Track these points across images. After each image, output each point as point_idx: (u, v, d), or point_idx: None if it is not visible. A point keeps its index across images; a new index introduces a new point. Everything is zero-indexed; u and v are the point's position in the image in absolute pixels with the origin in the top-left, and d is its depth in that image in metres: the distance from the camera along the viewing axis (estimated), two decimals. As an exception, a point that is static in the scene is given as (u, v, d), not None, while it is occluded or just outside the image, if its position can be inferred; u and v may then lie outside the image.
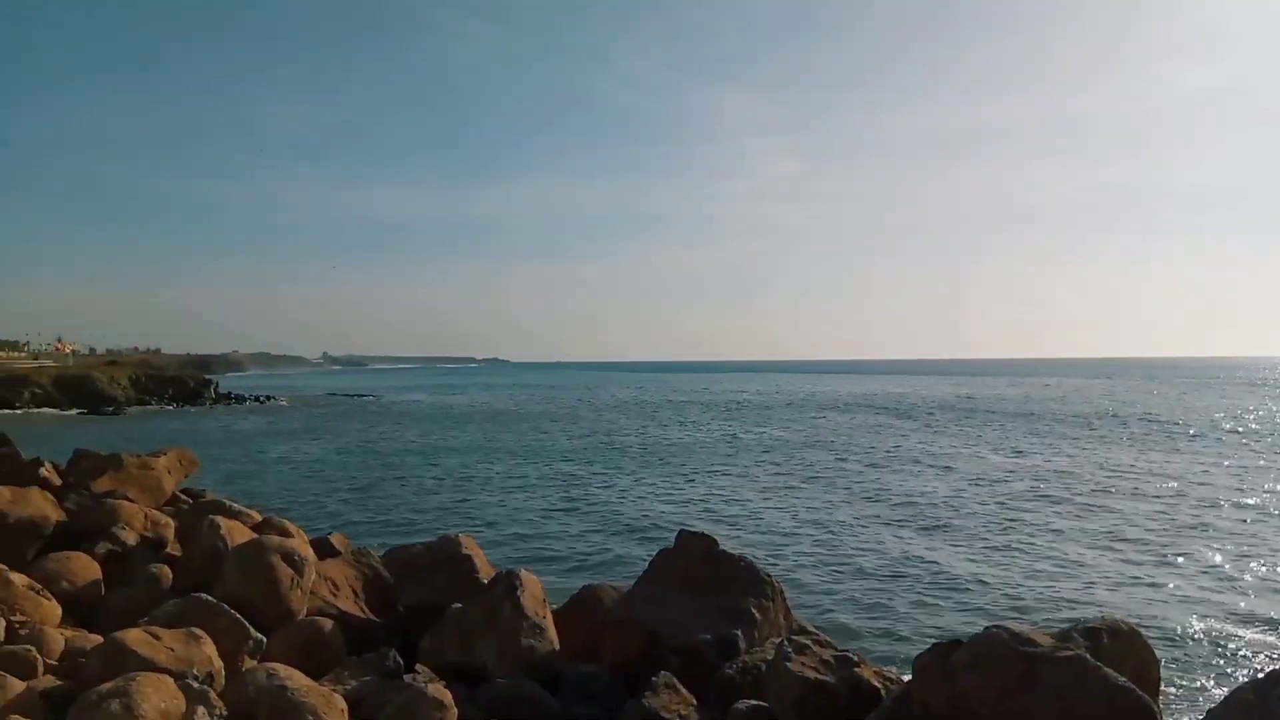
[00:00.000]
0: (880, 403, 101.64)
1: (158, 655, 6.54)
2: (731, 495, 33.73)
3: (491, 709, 7.38)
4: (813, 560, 22.38)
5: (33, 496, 11.41)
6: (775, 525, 27.40)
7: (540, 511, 30.28)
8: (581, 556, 23.04)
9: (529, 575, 8.85)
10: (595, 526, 27.32)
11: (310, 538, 11.77)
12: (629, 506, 31.11)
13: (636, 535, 25.72)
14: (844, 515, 29.04)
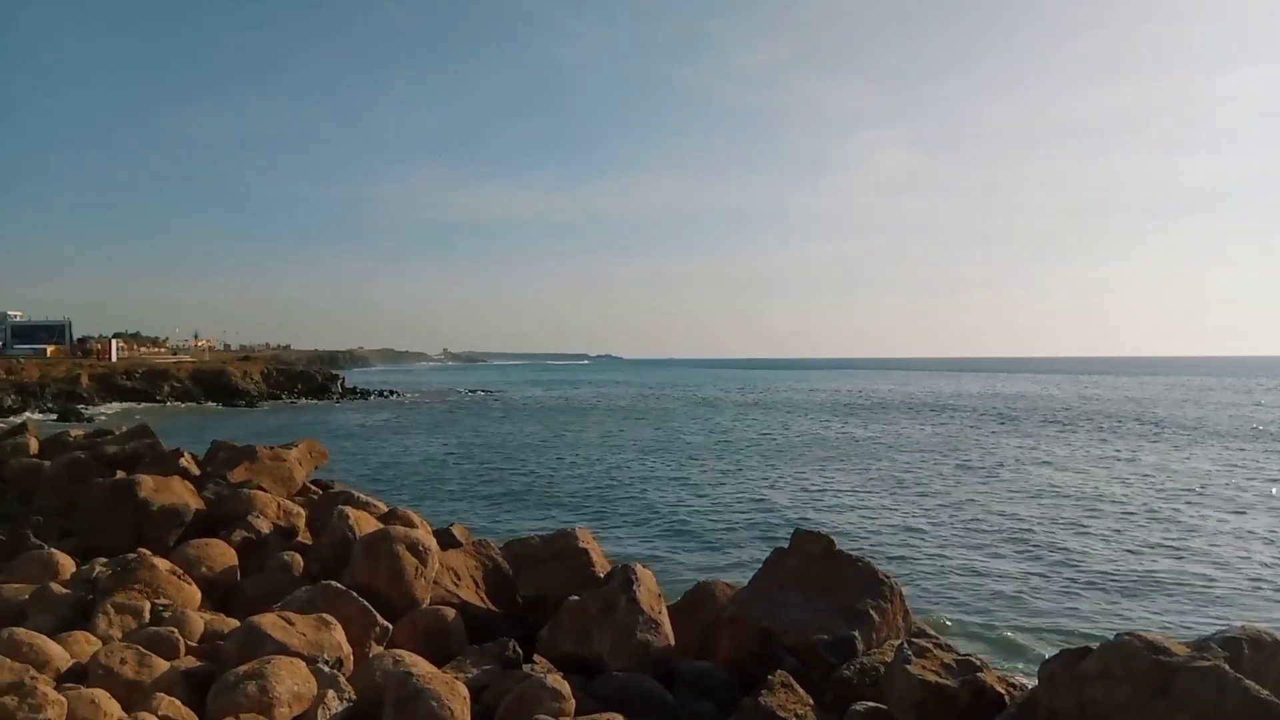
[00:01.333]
0: (1003, 401, 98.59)
1: (291, 640, 6.80)
2: (848, 495, 33.19)
3: (608, 701, 7.43)
4: (932, 562, 21.84)
5: (174, 485, 12.04)
6: (893, 525, 26.85)
7: (655, 507, 30.38)
8: (695, 553, 23.03)
9: (644, 570, 8.88)
10: (709, 523, 27.25)
11: (433, 528, 12.09)
12: (742, 504, 30.94)
13: (750, 533, 25.56)
14: (965, 516, 28.27)
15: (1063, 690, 6.06)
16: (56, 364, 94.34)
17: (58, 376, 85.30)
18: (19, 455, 18.73)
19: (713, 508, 30.06)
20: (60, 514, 13.77)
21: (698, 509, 29.87)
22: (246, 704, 5.80)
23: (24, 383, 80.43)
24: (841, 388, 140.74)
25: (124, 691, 6.14)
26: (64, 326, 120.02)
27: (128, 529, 11.06)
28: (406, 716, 5.81)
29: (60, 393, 79.96)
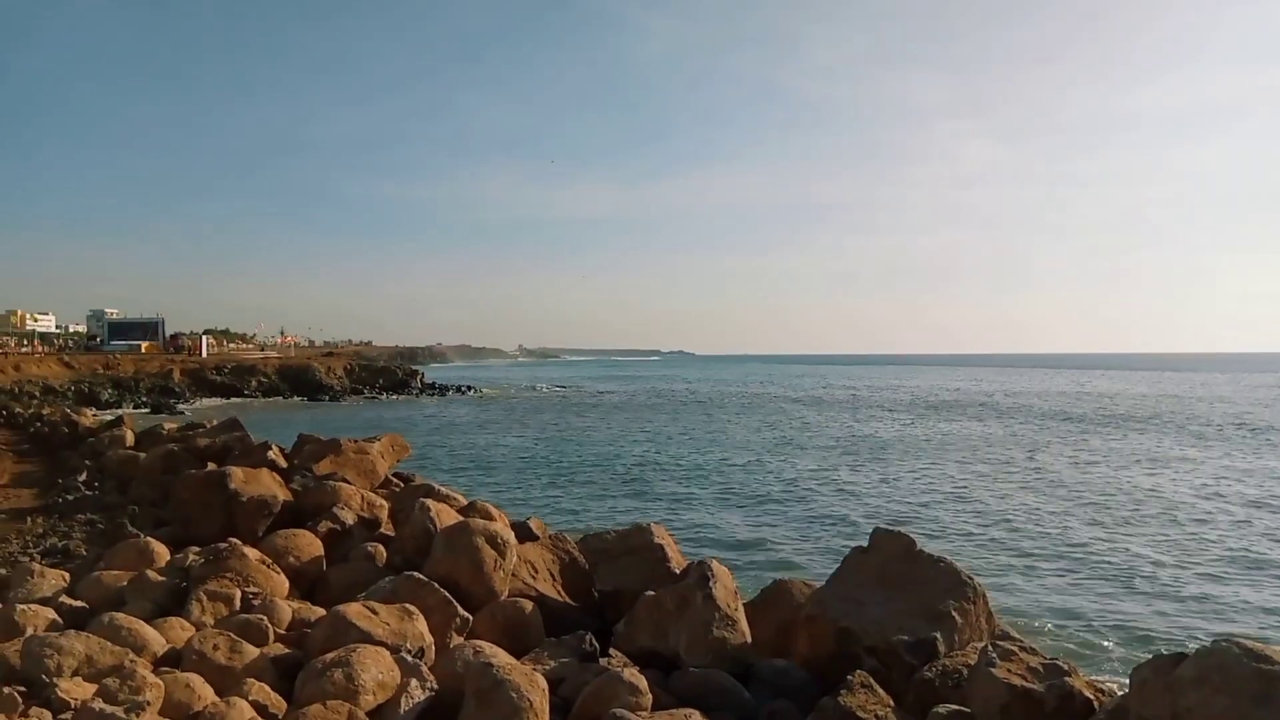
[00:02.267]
0: (1087, 401, 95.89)
1: (375, 629, 6.96)
2: (930, 494, 32.63)
3: (684, 696, 7.44)
4: (1018, 564, 21.36)
5: (263, 477, 12.41)
6: (977, 526, 26.33)
7: (732, 503, 30.29)
8: (771, 551, 22.89)
9: (720, 567, 8.87)
10: (786, 521, 27.07)
11: (510, 521, 12.25)
12: (820, 502, 30.65)
13: (828, 532, 25.31)
14: (1054, 518, 27.58)
15: (1156, 698, 5.88)
16: (150, 360, 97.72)
17: (151, 372, 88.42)
18: (116, 447, 19.54)
19: (787, 506, 29.83)
20: (155, 504, 14.33)
21: (772, 507, 29.68)
22: (333, 691, 5.96)
23: (120, 377, 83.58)
24: (920, 384, 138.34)
25: (217, 676, 6.36)
26: (157, 324, 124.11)
27: (219, 519, 11.44)
28: (487, 706, 5.91)
29: (154, 387, 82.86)
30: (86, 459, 19.22)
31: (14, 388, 66.22)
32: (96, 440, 20.93)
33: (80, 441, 22.19)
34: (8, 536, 12.90)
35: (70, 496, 15.73)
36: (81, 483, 16.87)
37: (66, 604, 8.31)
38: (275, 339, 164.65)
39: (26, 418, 29.84)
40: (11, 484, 18.18)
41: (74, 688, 5.80)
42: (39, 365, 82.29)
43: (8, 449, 23.59)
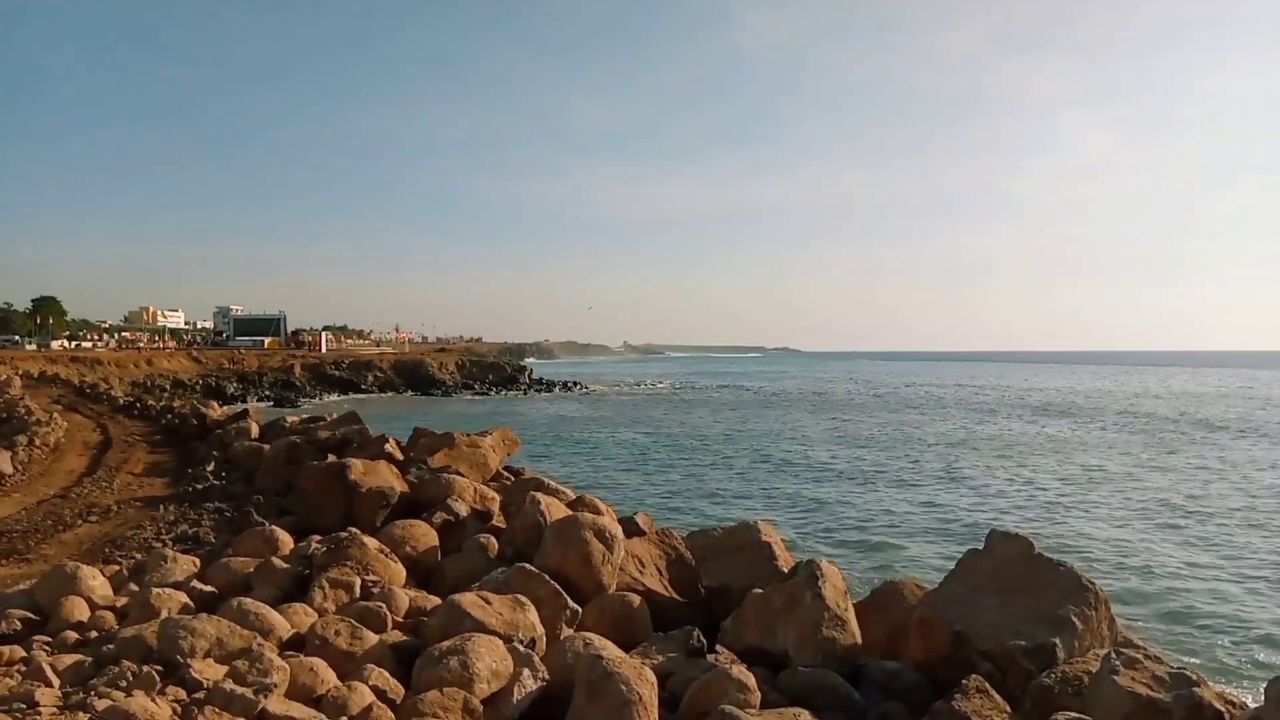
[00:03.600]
0: (1217, 402, 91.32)
1: (489, 619, 7.10)
2: (1046, 496, 31.61)
3: (793, 695, 7.38)
4: (1140, 569, 20.52)
5: (381, 469, 12.79)
6: (1097, 530, 25.38)
7: (839, 502, 29.90)
8: (881, 552, 22.50)
9: (830, 566, 8.76)
10: (897, 522, 26.58)
11: (617, 516, 12.33)
12: (933, 504, 29.98)
13: (941, 534, 24.75)
14: (1181, 522, 26.41)
15: (1294, 713, 5.58)
16: (273, 355, 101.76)
17: (274, 367, 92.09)
18: (242, 439, 20.38)
19: (898, 506, 29.29)
20: (278, 493, 14.91)
21: (881, 506, 29.19)
22: (449, 678, 6.10)
23: (245, 372, 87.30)
24: (1034, 383, 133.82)
25: (338, 661, 6.58)
26: (279, 320, 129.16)
27: (339, 509, 11.85)
28: (597, 698, 5.96)
29: (276, 381, 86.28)
30: (214, 450, 20.09)
31: (147, 381, 69.85)
32: (223, 432, 21.85)
33: (208, 433, 23.20)
34: (142, 523, 13.60)
35: (199, 486, 16.47)
36: (210, 473, 17.65)
37: (197, 588, 8.72)
38: (390, 335, 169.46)
39: (158, 410, 31.34)
40: (145, 473, 19.14)
41: (206, 668, 6.08)
42: (169, 360, 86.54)
43: (141, 440, 24.84)
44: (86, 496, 16.16)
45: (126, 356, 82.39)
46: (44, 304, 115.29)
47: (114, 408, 34.24)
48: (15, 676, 6.41)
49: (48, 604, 8.35)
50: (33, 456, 21.41)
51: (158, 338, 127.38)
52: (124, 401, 36.40)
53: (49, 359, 71.20)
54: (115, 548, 12.03)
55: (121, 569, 10.24)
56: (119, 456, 21.36)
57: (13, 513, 14.96)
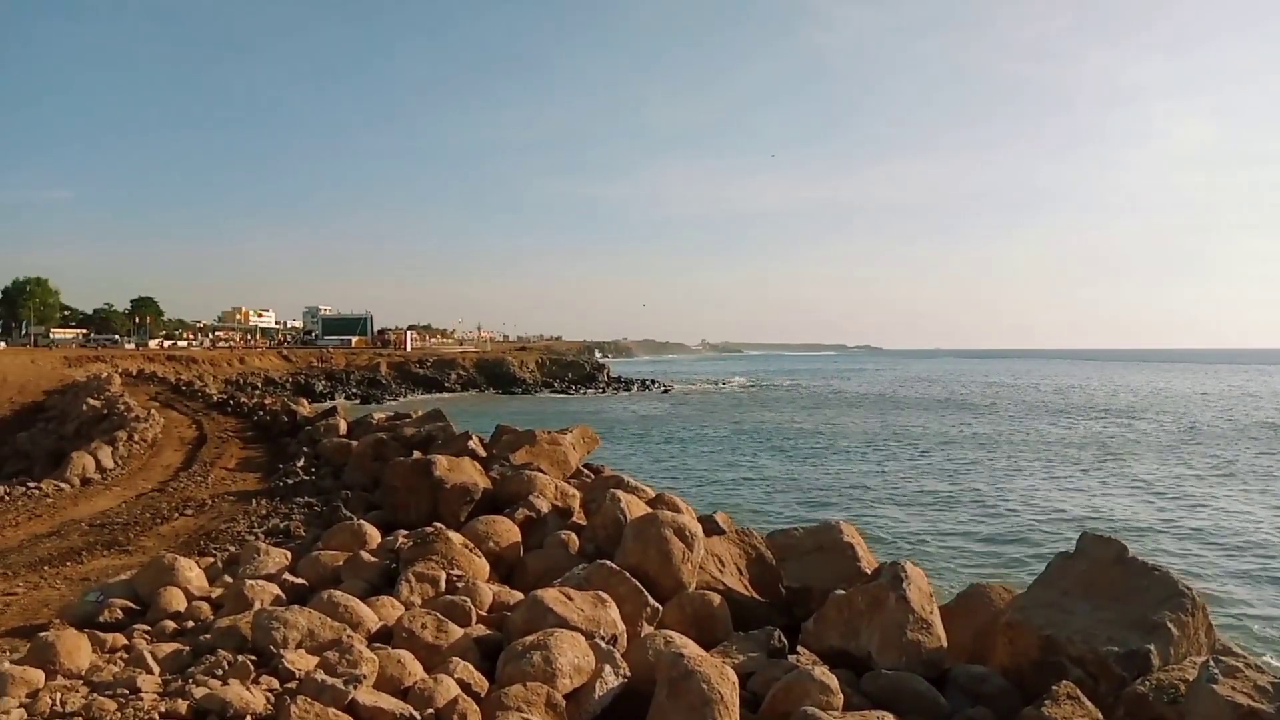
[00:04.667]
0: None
1: (571, 614, 7.16)
2: (1141, 498, 30.63)
3: (876, 698, 7.28)
4: (1241, 576, 19.73)
5: (464, 465, 12.99)
6: (1195, 534, 24.50)
7: (925, 503, 29.40)
8: (968, 554, 22.06)
9: (914, 568, 8.60)
10: (984, 523, 26.04)
11: (697, 515, 12.31)
12: (1022, 504, 29.27)
13: (1030, 535, 24.17)
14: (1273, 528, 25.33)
15: None
16: (360, 353, 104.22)
17: (361, 365, 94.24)
18: (331, 435, 20.90)
19: (985, 508, 28.66)
20: (365, 489, 15.24)
21: (966, 507, 28.61)
22: (533, 673, 6.17)
23: (333, 370, 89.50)
24: (1131, 383, 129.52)
25: (425, 654, 6.70)
26: (366, 319, 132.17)
27: (425, 504, 12.07)
28: (678, 696, 5.96)
29: (363, 379, 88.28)
30: (304, 446, 20.64)
31: (239, 379, 72.10)
32: (313, 429, 22.42)
33: (298, 430, 23.84)
34: (236, 517, 14.04)
35: (290, 481, 16.93)
36: (300, 468, 18.14)
37: (289, 581, 8.97)
38: (472, 333, 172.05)
39: (250, 407, 32.31)
40: (238, 468, 19.76)
41: (298, 659, 6.25)
42: (261, 358, 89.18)
43: (234, 436, 25.63)
44: (183, 491, 16.75)
45: (220, 355, 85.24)
46: (142, 305, 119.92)
47: (208, 405, 35.40)
48: (118, 663, 6.69)
49: (147, 594, 8.67)
50: (132, 452, 22.28)
51: (250, 337, 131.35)
52: (218, 399, 37.58)
53: (147, 357, 73.97)
54: (210, 540, 12.43)
55: (216, 561, 10.59)
56: (213, 452, 22.08)
57: (113, 506, 15.60)
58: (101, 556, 11.72)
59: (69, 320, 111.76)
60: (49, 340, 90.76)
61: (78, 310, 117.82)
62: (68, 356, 64.65)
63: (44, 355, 64.69)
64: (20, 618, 8.79)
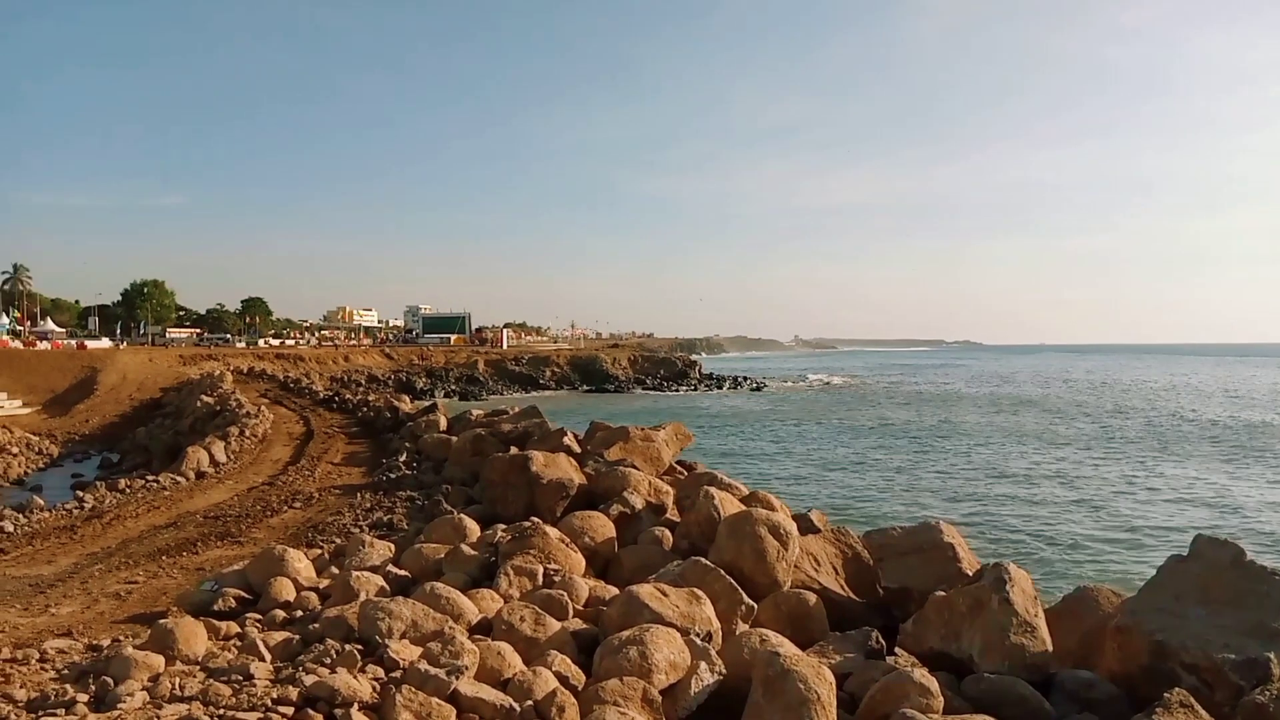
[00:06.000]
0: None
1: (666, 610, 7.19)
2: (1260, 500, 29.22)
3: (978, 702, 7.12)
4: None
5: (560, 461, 13.13)
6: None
7: (1029, 503, 28.58)
8: (1073, 556, 21.37)
9: (1018, 570, 8.39)
10: (1089, 524, 25.18)
11: (791, 513, 12.22)
12: (1131, 506, 28.21)
13: (1140, 538, 23.29)
14: None
15: None
16: (458, 351, 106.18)
17: (459, 362, 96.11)
18: (432, 431, 21.38)
19: (1087, 508, 27.74)
20: (465, 483, 15.55)
21: (1070, 508, 27.71)
22: (629, 668, 6.22)
23: (433, 368, 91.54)
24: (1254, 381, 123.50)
25: (523, 646, 6.82)
26: (464, 318, 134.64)
27: (522, 499, 12.27)
28: (774, 695, 5.94)
29: (461, 376, 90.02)
30: (406, 441, 21.17)
31: (344, 376, 74.24)
32: (414, 424, 22.98)
33: (400, 426, 24.47)
34: (341, 510, 14.49)
35: (392, 475, 17.39)
36: (402, 463, 18.62)
37: (393, 572, 9.23)
38: (566, 331, 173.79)
39: (354, 404, 33.28)
40: (343, 463, 20.39)
41: (402, 649, 6.42)
42: (364, 356, 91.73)
43: (339, 431, 26.46)
44: (291, 484, 17.36)
45: (325, 353, 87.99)
46: (252, 305, 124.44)
47: (315, 401, 36.61)
48: (232, 650, 6.97)
49: (258, 584, 9.02)
50: (243, 446, 23.19)
51: (353, 335, 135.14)
52: (323, 395, 38.84)
53: (257, 356, 76.79)
54: (317, 533, 12.86)
55: (323, 553, 10.95)
56: (319, 447, 22.83)
57: (226, 499, 16.26)
58: (215, 547, 12.24)
59: (184, 320, 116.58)
60: (165, 340, 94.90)
61: (192, 310, 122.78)
62: (183, 355, 67.61)
63: (161, 354, 67.76)
64: (141, 605, 9.24)
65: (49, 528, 14.35)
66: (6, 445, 29.62)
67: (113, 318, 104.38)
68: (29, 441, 31.47)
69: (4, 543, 13.21)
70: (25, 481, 25.55)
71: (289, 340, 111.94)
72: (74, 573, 10.96)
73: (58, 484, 24.49)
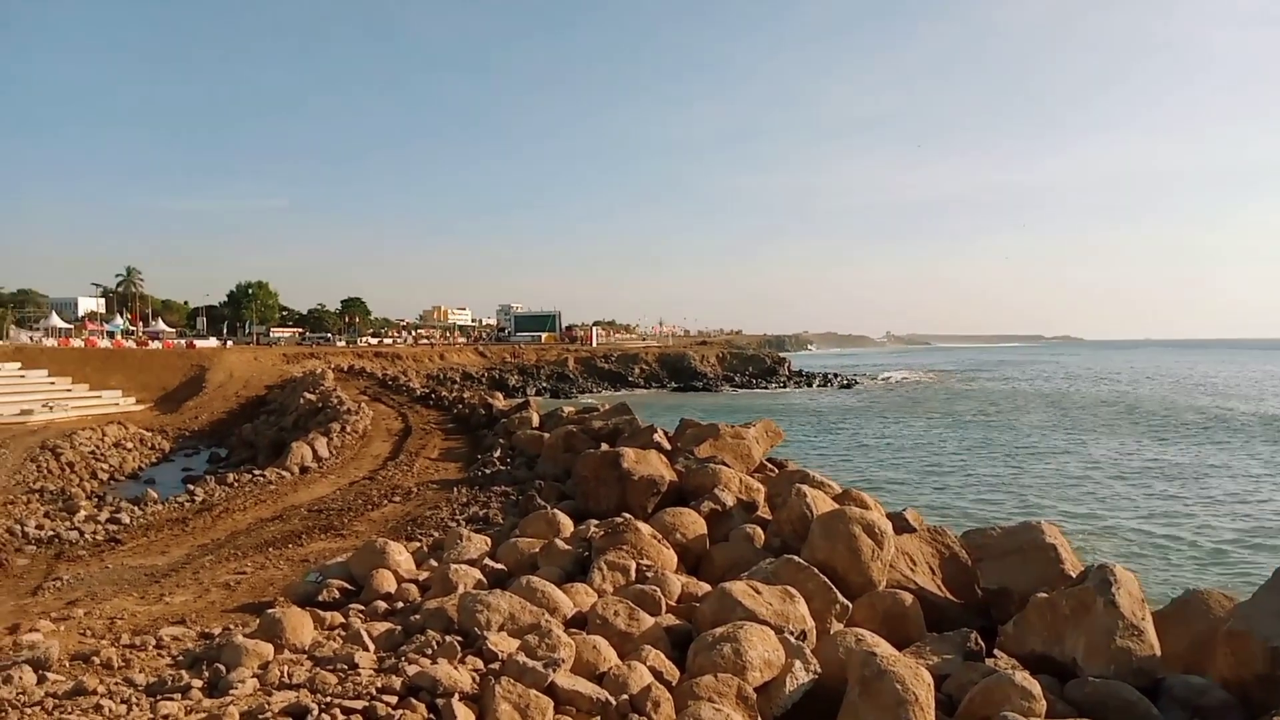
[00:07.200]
0: None
1: (759, 608, 7.18)
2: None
3: (1082, 706, 6.95)
4: None
5: (651, 458, 13.20)
6: None
7: (1133, 504, 27.58)
8: (1183, 559, 20.56)
9: (1124, 571, 8.13)
10: (1200, 526, 24.19)
11: (886, 512, 12.07)
12: (1243, 508, 27.00)
13: (1253, 540, 22.27)
14: None
15: None
16: (549, 349, 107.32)
17: (550, 360, 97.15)
18: (525, 428, 21.71)
19: (1196, 509, 26.63)
20: (557, 479, 15.76)
21: (1179, 509, 26.65)
22: (723, 665, 6.24)
23: (524, 365, 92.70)
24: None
25: (618, 640, 6.89)
26: (554, 316, 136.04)
27: (613, 495, 12.38)
28: (871, 695, 5.89)
29: (552, 374, 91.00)
30: (500, 438, 21.54)
31: (439, 374, 75.73)
32: (508, 421, 23.36)
33: (494, 422, 24.91)
34: (439, 504, 14.81)
35: (487, 470, 17.71)
36: (496, 458, 18.95)
37: (489, 566, 9.42)
38: (655, 329, 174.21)
39: (450, 400, 33.96)
40: (440, 458, 20.83)
41: (501, 641, 6.56)
42: (459, 354, 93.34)
43: (436, 427, 27.03)
44: (390, 479, 17.82)
45: (422, 351, 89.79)
46: (352, 305, 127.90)
47: (412, 398, 37.46)
48: (336, 640, 7.21)
49: (361, 575, 9.29)
50: (345, 442, 23.87)
51: (448, 334, 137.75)
52: (420, 393, 39.66)
53: (356, 354, 78.76)
54: (416, 526, 13.17)
55: (422, 546, 11.22)
56: (417, 443, 23.36)
57: (329, 493, 16.77)
58: (319, 540, 12.64)
59: (286, 320, 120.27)
60: (269, 339, 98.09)
61: (294, 310, 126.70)
62: (286, 354, 69.72)
63: (265, 353, 70.04)
64: (249, 595, 9.60)
65: (162, 520, 15.02)
66: (122, 441, 30.96)
67: (219, 318, 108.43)
68: (143, 437, 32.85)
69: (121, 534, 13.88)
70: (140, 475, 26.71)
71: (387, 339, 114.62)
72: (186, 563, 11.47)
73: (169, 478, 25.52)
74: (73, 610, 8.83)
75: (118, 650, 6.96)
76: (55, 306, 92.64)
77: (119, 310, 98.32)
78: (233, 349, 71.78)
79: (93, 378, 46.54)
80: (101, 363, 51.33)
